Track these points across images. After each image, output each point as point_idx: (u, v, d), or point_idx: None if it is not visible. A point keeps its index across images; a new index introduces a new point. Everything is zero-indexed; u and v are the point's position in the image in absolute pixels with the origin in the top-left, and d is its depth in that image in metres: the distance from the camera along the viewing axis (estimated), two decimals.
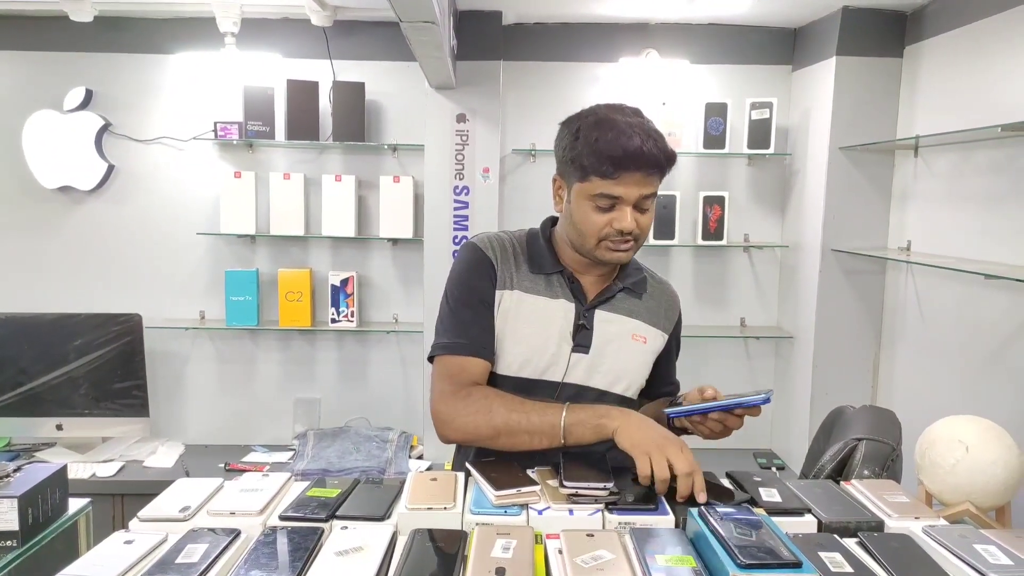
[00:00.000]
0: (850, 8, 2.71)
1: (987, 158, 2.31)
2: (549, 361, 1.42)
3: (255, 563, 1.00)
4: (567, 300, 1.45)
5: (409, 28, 1.97)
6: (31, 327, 2.93)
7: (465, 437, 1.37)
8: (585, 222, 1.37)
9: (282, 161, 3.13)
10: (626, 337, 1.47)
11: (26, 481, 1.33)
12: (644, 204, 1.36)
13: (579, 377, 1.43)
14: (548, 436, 1.28)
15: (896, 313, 2.79)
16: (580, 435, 1.26)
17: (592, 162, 1.32)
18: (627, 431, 1.24)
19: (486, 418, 1.32)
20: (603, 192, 1.34)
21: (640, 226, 1.37)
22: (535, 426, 1.28)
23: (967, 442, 1.41)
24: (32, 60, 3.04)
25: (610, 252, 1.38)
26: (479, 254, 1.47)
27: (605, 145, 1.31)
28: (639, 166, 1.31)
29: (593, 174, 1.33)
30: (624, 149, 1.30)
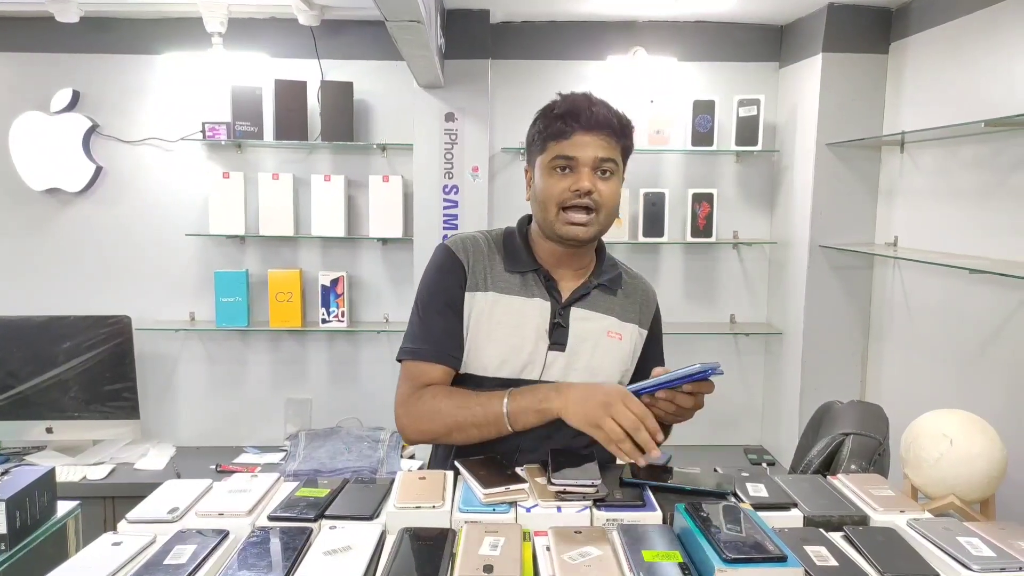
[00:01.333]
0: (836, 5, 2.72)
1: (972, 153, 2.33)
2: (526, 360, 1.42)
3: (244, 563, 1.00)
4: (542, 299, 1.45)
5: (395, 27, 1.98)
6: (20, 330, 2.92)
7: (422, 437, 1.42)
8: (546, 191, 1.40)
9: (271, 161, 3.12)
10: (601, 334, 1.47)
11: (13, 484, 1.33)
12: (604, 167, 1.39)
13: (556, 375, 1.43)
14: (495, 426, 1.31)
15: (884, 308, 2.81)
16: (525, 421, 1.28)
17: (547, 126, 1.39)
18: (571, 410, 1.25)
19: (437, 417, 1.37)
20: (559, 154, 1.38)
21: (601, 194, 1.38)
22: (480, 418, 1.32)
23: (951, 436, 1.43)
24: (18, 61, 3.03)
25: (569, 226, 1.39)
26: (450, 257, 1.48)
27: (558, 108, 1.39)
28: (591, 126, 1.37)
29: (549, 139, 1.39)
30: (573, 107, 1.37)
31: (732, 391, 3.30)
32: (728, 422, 3.30)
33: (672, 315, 3.25)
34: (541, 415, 1.26)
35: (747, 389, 3.30)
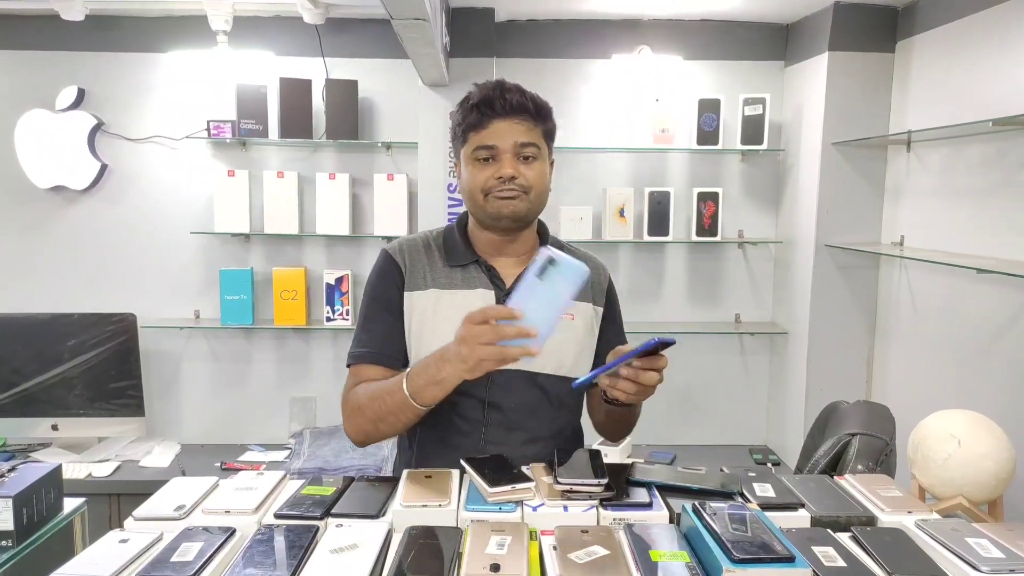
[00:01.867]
0: (842, 4, 2.72)
1: (979, 152, 2.32)
2: None
3: (250, 561, 1.00)
4: (485, 288, 1.45)
5: (400, 26, 1.97)
6: (25, 327, 2.93)
7: (359, 435, 1.41)
8: (471, 181, 1.41)
9: (275, 159, 3.13)
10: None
11: (21, 481, 1.33)
12: (526, 153, 1.40)
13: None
14: (409, 410, 1.29)
15: (890, 308, 2.80)
16: (432, 395, 1.25)
17: (464, 117, 1.40)
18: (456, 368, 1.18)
19: (360, 413, 1.37)
20: (479, 144, 1.39)
21: (527, 178, 1.39)
22: (392, 406, 1.30)
23: (959, 436, 1.42)
24: (23, 59, 3.03)
25: (497, 202, 1.39)
26: (388, 261, 1.51)
27: (472, 99, 1.40)
28: (505, 111, 1.38)
29: (468, 131, 1.40)
30: (487, 96, 1.38)
31: (737, 391, 3.29)
32: (733, 422, 3.30)
33: (677, 314, 3.25)
34: (441, 385, 1.22)
35: (752, 389, 3.30)
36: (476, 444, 1.42)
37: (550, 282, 1.09)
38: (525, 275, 1.12)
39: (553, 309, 1.11)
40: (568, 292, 1.11)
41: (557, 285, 1.10)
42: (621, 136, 3.10)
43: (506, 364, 1.14)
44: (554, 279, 1.09)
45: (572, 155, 3.09)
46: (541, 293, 1.10)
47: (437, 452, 1.43)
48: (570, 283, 1.11)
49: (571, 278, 1.10)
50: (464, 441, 1.42)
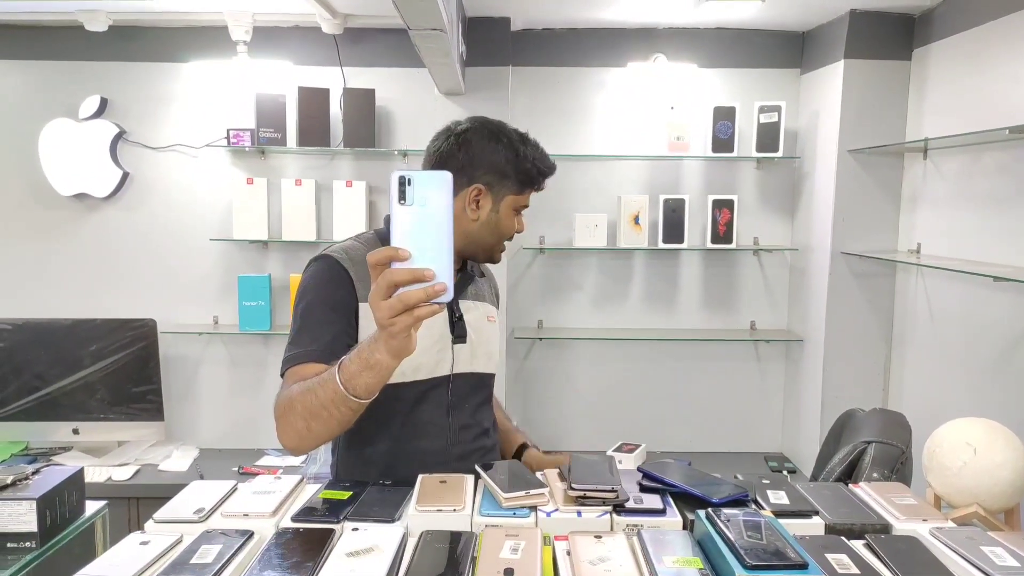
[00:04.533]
0: (858, 11, 2.71)
1: (995, 160, 2.31)
2: (437, 358, 1.47)
3: (268, 564, 1.02)
4: None
5: (418, 36, 2.00)
6: (47, 333, 2.97)
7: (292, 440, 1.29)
8: (507, 227, 1.50)
9: (294, 167, 3.16)
10: (484, 320, 1.57)
11: (44, 484, 1.35)
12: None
13: (463, 365, 1.50)
14: (342, 403, 1.15)
15: (906, 316, 2.79)
16: (365, 383, 1.12)
17: (533, 177, 1.50)
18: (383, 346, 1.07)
19: (291, 409, 1.25)
20: (526, 203, 1.52)
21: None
22: (324, 398, 1.17)
23: (975, 444, 1.42)
24: (48, 69, 3.09)
25: (500, 253, 1.54)
26: (335, 267, 1.42)
27: (542, 163, 1.50)
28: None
29: (527, 186, 1.50)
30: (551, 167, 1.53)
31: (753, 398, 3.28)
32: (748, 429, 3.29)
33: (692, 321, 3.25)
34: (375, 369, 1.10)
35: (768, 396, 3.28)
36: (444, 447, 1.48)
37: (418, 203, 0.97)
38: (391, 209, 0.99)
39: (436, 229, 0.98)
40: (442, 204, 0.98)
41: (427, 202, 0.98)
42: (636, 144, 3.11)
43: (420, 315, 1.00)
44: (419, 198, 0.97)
45: (587, 163, 3.11)
46: (414, 218, 0.98)
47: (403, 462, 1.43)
48: (438, 194, 0.98)
49: (436, 188, 0.98)
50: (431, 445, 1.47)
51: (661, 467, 1.29)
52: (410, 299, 0.98)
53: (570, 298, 3.23)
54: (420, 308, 0.99)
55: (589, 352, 3.25)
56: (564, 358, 3.26)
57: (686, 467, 1.32)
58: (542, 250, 3.13)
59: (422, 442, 1.47)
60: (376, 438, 1.46)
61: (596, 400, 3.30)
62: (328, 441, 1.34)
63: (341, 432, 1.27)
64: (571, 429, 3.28)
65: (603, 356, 3.26)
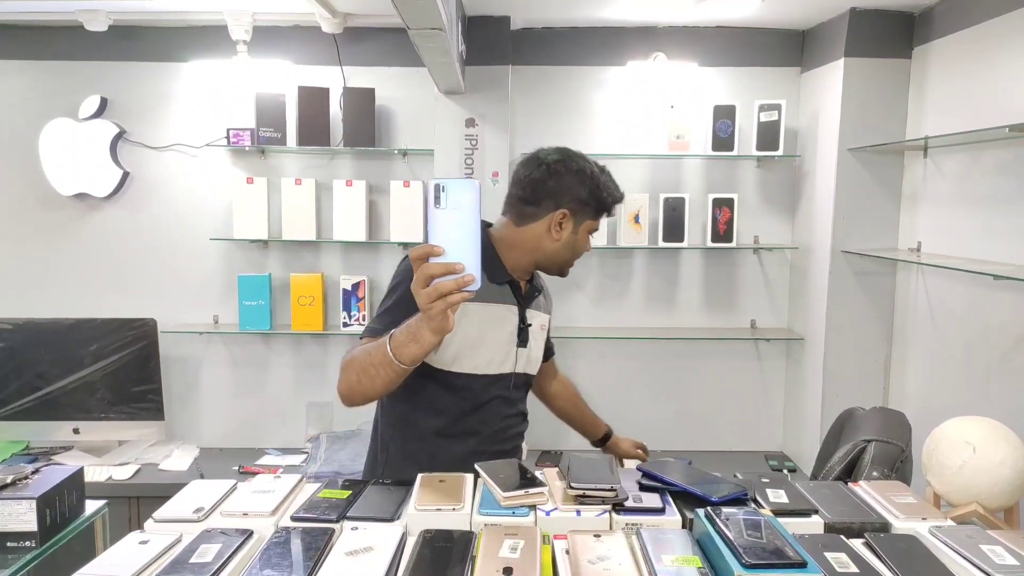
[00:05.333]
0: (858, 10, 2.71)
1: (995, 159, 2.30)
2: (504, 358, 1.70)
3: (267, 563, 1.02)
4: (512, 305, 1.71)
5: (417, 35, 1.99)
6: (48, 332, 2.97)
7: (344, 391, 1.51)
8: (583, 247, 1.74)
9: (294, 167, 3.16)
10: (538, 329, 1.80)
11: (44, 483, 1.36)
12: None
13: (522, 367, 1.75)
14: (388, 366, 1.35)
15: (907, 314, 2.79)
16: (410, 353, 1.31)
17: (608, 206, 1.72)
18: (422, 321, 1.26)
19: (350, 365, 1.47)
20: (598, 226, 1.74)
21: None
22: (376, 359, 1.37)
23: (974, 443, 1.42)
24: (48, 69, 3.09)
25: (569, 269, 1.76)
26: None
27: (615, 193, 1.73)
28: None
29: (601, 212, 1.72)
30: (620, 197, 1.75)
31: (753, 397, 3.28)
32: (749, 428, 3.29)
33: (692, 320, 3.25)
34: (418, 342, 1.28)
35: (768, 395, 3.28)
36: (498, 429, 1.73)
37: (451, 207, 1.12)
38: (428, 211, 1.15)
39: (466, 229, 1.13)
40: (470, 208, 1.12)
41: (459, 206, 1.12)
42: (636, 142, 3.11)
43: (452, 302, 1.17)
44: (451, 202, 1.12)
45: None
46: (447, 220, 1.13)
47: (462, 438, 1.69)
48: (468, 199, 1.13)
49: (466, 195, 1.12)
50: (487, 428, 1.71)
51: (660, 466, 1.29)
52: (443, 288, 1.15)
53: (570, 297, 3.23)
54: (452, 296, 1.15)
55: (589, 351, 3.25)
56: (564, 357, 3.24)
57: (685, 466, 1.32)
58: None
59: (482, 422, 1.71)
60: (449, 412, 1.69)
61: (596, 399, 3.27)
62: (371, 399, 1.52)
63: (384, 392, 1.46)
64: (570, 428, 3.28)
65: (603, 355, 3.26)
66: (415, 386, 1.64)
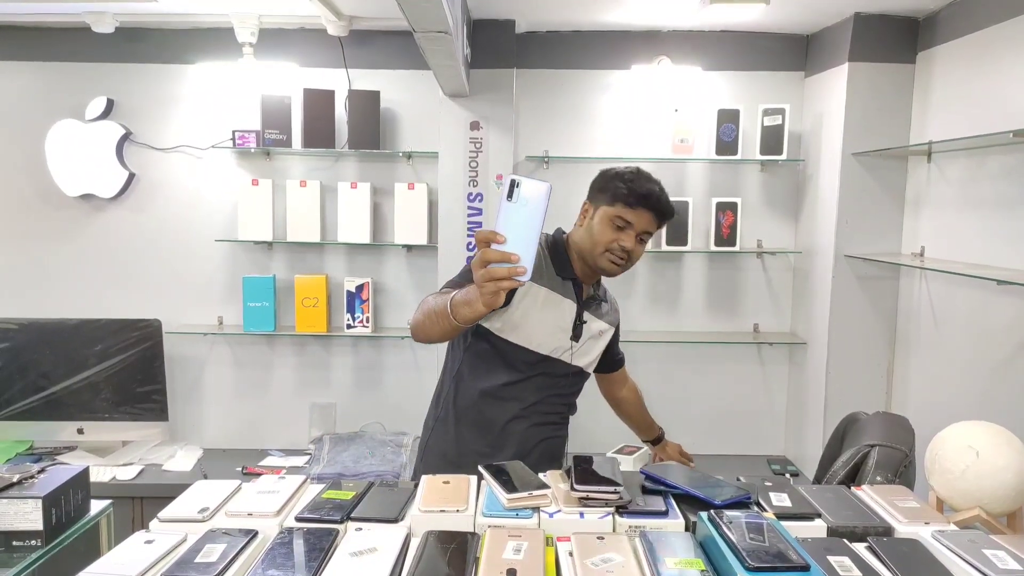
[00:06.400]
0: (862, 14, 2.71)
1: (1000, 164, 2.31)
2: (557, 345, 1.88)
3: (272, 563, 1.03)
4: (572, 301, 1.89)
5: (423, 38, 2.00)
6: (53, 332, 2.98)
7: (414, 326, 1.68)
8: (601, 234, 1.83)
9: (299, 169, 3.17)
10: (594, 333, 1.96)
11: (50, 482, 1.37)
12: (643, 236, 1.84)
13: (571, 357, 1.91)
14: (445, 319, 1.48)
15: (910, 319, 2.79)
16: (463, 314, 1.42)
17: (623, 193, 1.80)
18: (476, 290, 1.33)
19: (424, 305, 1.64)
20: (621, 215, 1.80)
21: (635, 254, 1.85)
22: (440, 306, 1.51)
23: (977, 447, 1.42)
24: (55, 71, 3.10)
25: (608, 263, 1.84)
26: None
27: (637, 185, 1.81)
28: (652, 206, 1.81)
29: (619, 201, 1.80)
30: (648, 190, 1.81)
31: (756, 401, 3.28)
32: (752, 432, 3.29)
33: (695, 324, 3.25)
34: (471, 306, 1.39)
35: (771, 399, 3.28)
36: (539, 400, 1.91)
37: (520, 202, 1.20)
38: (500, 202, 1.23)
39: (529, 225, 1.21)
40: (538, 207, 1.21)
41: (528, 203, 1.21)
42: (640, 146, 3.11)
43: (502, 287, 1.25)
44: (522, 198, 1.20)
45: (591, 165, 3.10)
46: (515, 213, 1.21)
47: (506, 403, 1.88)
48: (537, 199, 1.21)
49: (536, 194, 1.21)
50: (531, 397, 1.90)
51: (663, 469, 1.30)
52: (496, 273, 1.24)
53: None
54: (503, 281, 1.24)
55: None
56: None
57: (688, 469, 1.32)
58: None
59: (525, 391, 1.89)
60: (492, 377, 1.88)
61: (598, 402, 3.29)
62: (432, 341, 1.68)
63: (441, 339, 1.67)
64: (573, 431, 3.27)
65: None
66: (476, 348, 1.88)
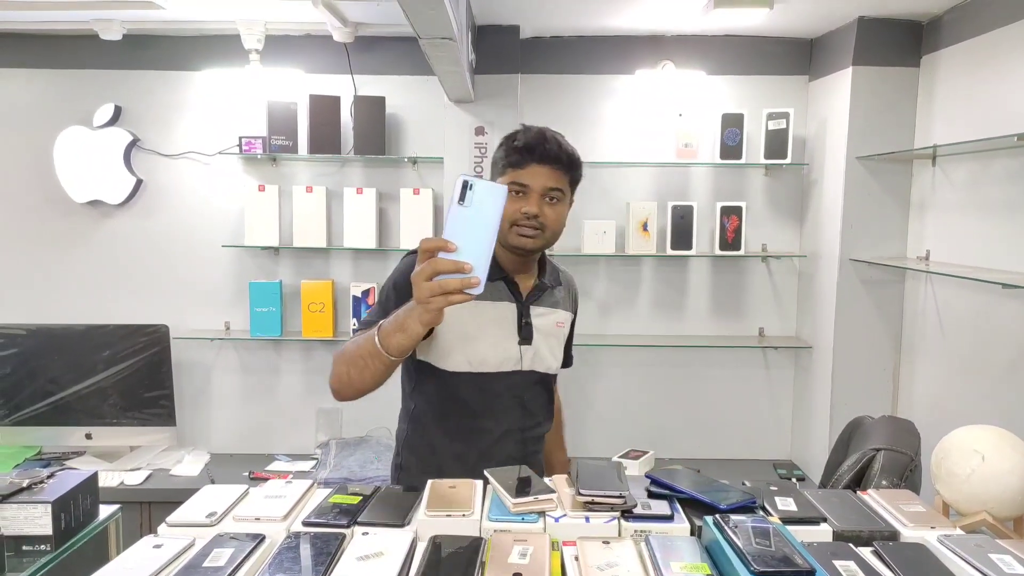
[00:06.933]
0: (866, 18, 2.72)
1: (1004, 167, 2.30)
2: (503, 356, 1.66)
3: (279, 567, 1.03)
4: (508, 301, 1.68)
5: (428, 44, 2.01)
6: (61, 338, 3.00)
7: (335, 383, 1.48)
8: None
9: (305, 174, 3.19)
10: (553, 326, 1.75)
11: (59, 487, 1.37)
12: (552, 195, 1.61)
13: (528, 365, 1.69)
14: (376, 358, 1.34)
15: (915, 322, 2.78)
16: (397, 343, 1.30)
17: (507, 155, 1.61)
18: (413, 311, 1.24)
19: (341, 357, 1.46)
20: (514, 180, 1.59)
21: (547, 217, 1.61)
22: (364, 349, 1.36)
23: (983, 451, 1.41)
24: (63, 78, 3.13)
25: (520, 239, 1.61)
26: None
27: (517, 141, 1.61)
28: (543, 159, 1.59)
29: (508, 167, 1.61)
30: (531, 142, 1.59)
31: (761, 405, 3.28)
32: (757, 436, 3.28)
33: (700, 328, 3.25)
34: (406, 332, 1.27)
35: (776, 403, 3.28)
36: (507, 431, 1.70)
37: (474, 207, 1.11)
38: (449, 204, 1.14)
39: (483, 232, 1.11)
40: (493, 212, 1.11)
41: (481, 207, 1.11)
42: (644, 150, 3.12)
43: (453, 301, 1.15)
44: (475, 202, 1.11)
45: (595, 169, 3.12)
46: (467, 219, 1.11)
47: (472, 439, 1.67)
48: (491, 202, 1.11)
49: (491, 197, 1.11)
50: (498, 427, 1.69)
51: (669, 473, 1.30)
52: (448, 286, 1.13)
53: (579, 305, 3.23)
54: (454, 296, 1.13)
55: (597, 358, 3.26)
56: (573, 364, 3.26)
57: (694, 473, 1.32)
58: (551, 256, 3.13)
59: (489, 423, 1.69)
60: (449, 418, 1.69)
61: (604, 406, 3.30)
62: (362, 392, 1.48)
63: (373, 386, 1.45)
64: (579, 435, 3.28)
65: (611, 362, 3.26)
66: (424, 388, 1.69)
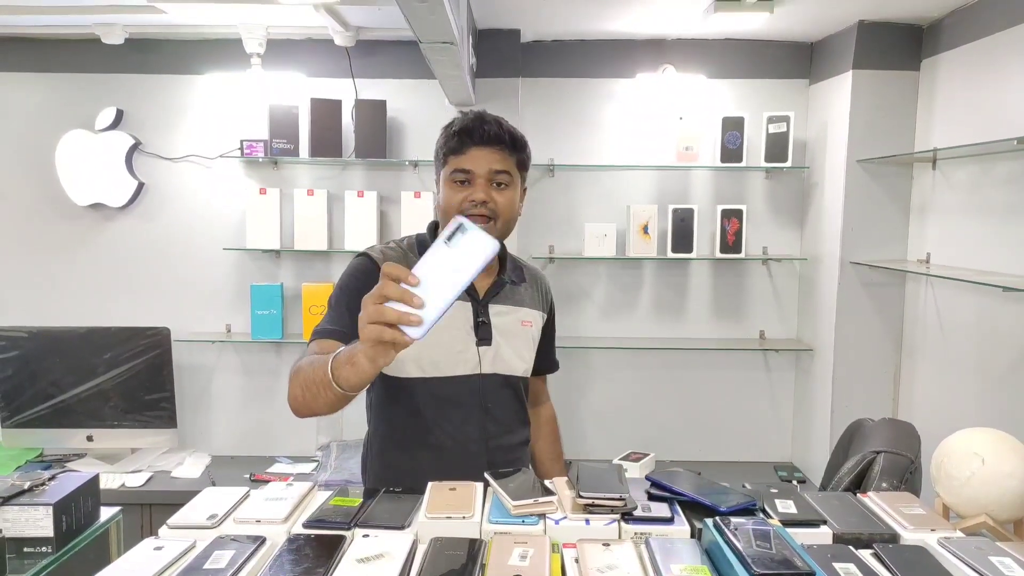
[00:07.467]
0: (866, 22, 2.72)
1: (1005, 170, 2.31)
2: (458, 359, 1.56)
3: (280, 569, 1.03)
4: (463, 300, 1.56)
5: (428, 49, 2.02)
6: (62, 340, 3.00)
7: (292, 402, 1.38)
8: (447, 201, 1.53)
9: (306, 178, 3.19)
10: (517, 325, 1.64)
11: (60, 489, 1.38)
12: (499, 179, 1.53)
13: (488, 367, 1.59)
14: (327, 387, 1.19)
15: (916, 325, 2.78)
16: (345, 376, 1.16)
17: (446, 141, 1.54)
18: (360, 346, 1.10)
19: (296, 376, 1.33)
20: (456, 168, 1.52)
21: (496, 203, 1.52)
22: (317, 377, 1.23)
23: (982, 454, 1.42)
24: (65, 81, 3.14)
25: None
26: (369, 264, 1.56)
27: (455, 126, 1.54)
28: (484, 141, 1.51)
29: (448, 154, 1.53)
30: (468, 125, 1.52)
31: (762, 408, 3.28)
32: (758, 439, 3.28)
33: (701, 331, 3.25)
34: (354, 366, 1.12)
35: (777, 406, 3.28)
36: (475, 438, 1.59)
37: (456, 250, 1.05)
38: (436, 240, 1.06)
39: (453, 277, 1.04)
40: (471, 262, 1.04)
41: (463, 254, 1.05)
42: (645, 154, 3.12)
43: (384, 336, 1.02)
44: (462, 246, 1.05)
45: (596, 173, 3.12)
46: (444, 260, 1.05)
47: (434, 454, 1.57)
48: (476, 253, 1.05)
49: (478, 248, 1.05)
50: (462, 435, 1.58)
51: (669, 476, 1.30)
52: (386, 314, 1.00)
53: (579, 307, 3.24)
54: (385, 331, 1.01)
55: (598, 361, 3.26)
56: (573, 367, 3.27)
57: (694, 476, 1.32)
58: (551, 259, 3.14)
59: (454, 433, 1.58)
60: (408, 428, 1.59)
61: (605, 409, 3.31)
62: (319, 415, 1.37)
63: (330, 413, 1.32)
64: (580, 438, 3.29)
65: (612, 365, 3.27)
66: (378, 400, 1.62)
